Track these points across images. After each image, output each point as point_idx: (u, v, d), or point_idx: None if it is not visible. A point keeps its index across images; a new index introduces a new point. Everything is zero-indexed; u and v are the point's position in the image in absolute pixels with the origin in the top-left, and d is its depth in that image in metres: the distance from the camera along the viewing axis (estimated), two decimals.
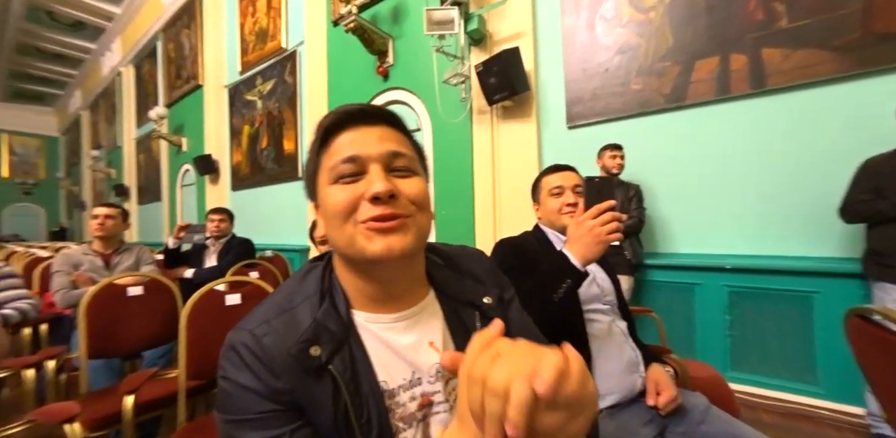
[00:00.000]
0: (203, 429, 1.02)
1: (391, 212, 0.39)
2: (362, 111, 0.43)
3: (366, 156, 0.41)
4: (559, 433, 0.25)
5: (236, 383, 0.38)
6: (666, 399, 0.77)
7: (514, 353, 0.26)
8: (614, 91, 2.28)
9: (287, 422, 0.37)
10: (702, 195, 2.03)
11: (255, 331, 0.39)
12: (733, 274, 1.84)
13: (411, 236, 0.41)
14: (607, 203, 0.72)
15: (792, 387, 1.71)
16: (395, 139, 0.43)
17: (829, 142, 1.72)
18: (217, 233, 2.37)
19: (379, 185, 0.39)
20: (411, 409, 0.43)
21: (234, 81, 4.98)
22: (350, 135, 0.42)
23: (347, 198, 0.40)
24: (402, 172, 0.43)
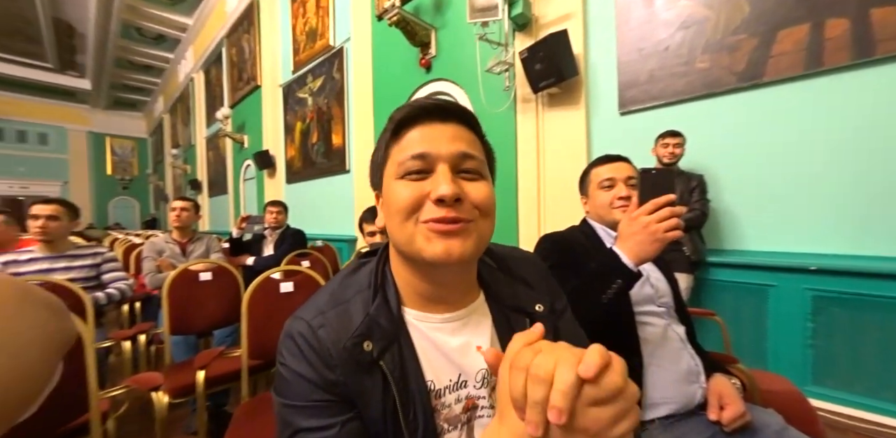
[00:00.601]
0: (263, 404, 1.12)
1: (455, 215, 0.39)
2: (438, 107, 0.42)
3: (435, 155, 0.40)
4: (605, 432, 0.24)
5: (293, 370, 0.39)
6: (731, 415, 0.69)
7: (557, 348, 0.27)
8: (675, 71, 2.06)
9: (338, 413, 0.38)
10: (779, 186, 1.78)
11: (311, 322, 0.41)
12: (819, 276, 1.60)
13: (471, 242, 0.40)
14: (665, 197, 0.65)
15: (891, 410, 1.47)
16: (468, 140, 0.42)
17: None
18: (274, 224, 2.56)
19: (445, 188, 0.38)
20: (456, 411, 0.43)
21: (287, 80, 5.27)
22: (422, 131, 0.41)
23: (412, 196, 0.39)
24: (470, 175, 0.41)
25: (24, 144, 11.47)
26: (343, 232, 4.25)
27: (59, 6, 7.30)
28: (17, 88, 10.61)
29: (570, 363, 0.24)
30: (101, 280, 1.72)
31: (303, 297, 1.39)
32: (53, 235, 1.59)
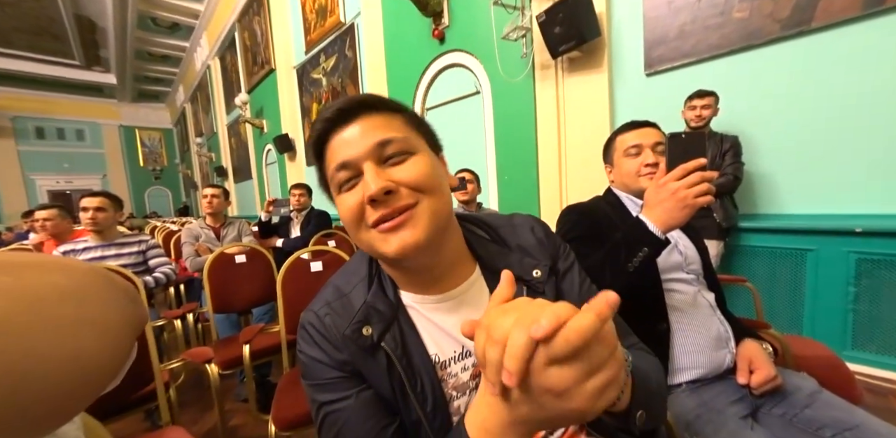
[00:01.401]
0: None
1: (391, 209, 0.39)
2: (338, 110, 0.41)
3: (355, 158, 0.40)
4: (573, 390, 0.23)
5: (308, 355, 0.44)
6: (761, 379, 0.69)
7: (525, 307, 0.26)
8: (709, 24, 1.88)
9: (352, 386, 0.42)
10: (822, 143, 1.64)
11: (318, 312, 0.45)
12: (864, 238, 1.51)
13: (422, 226, 0.39)
14: (695, 162, 0.62)
15: None
16: (380, 125, 0.41)
17: None
18: (298, 207, 2.63)
19: (371, 186, 0.38)
20: (464, 379, 0.45)
21: (301, 62, 5.22)
22: (337, 141, 0.41)
23: (353, 206, 0.40)
24: (396, 158, 0.41)
25: (63, 141, 12.13)
26: None
27: (78, 2, 7.42)
28: (51, 87, 11.09)
29: (525, 324, 0.23)
30: (148, 265, 1.85)
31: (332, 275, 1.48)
32: (103, 225, 1.72)
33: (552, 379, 0.23)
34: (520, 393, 0.25)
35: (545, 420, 0.27)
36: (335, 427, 0.41)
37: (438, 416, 0.42)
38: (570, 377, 0.23)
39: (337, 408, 0.41)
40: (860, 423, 0.63)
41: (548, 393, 0.24)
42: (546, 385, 0.24)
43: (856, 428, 0.62)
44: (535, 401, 0.25)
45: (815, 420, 0.66)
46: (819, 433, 0.64)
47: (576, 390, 0.24)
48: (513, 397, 0.26)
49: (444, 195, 0.42)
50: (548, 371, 0.23)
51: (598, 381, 0.24)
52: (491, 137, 2.88)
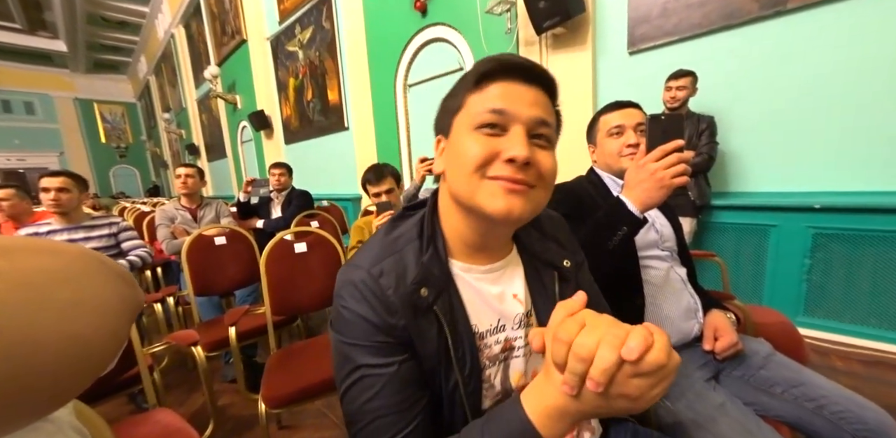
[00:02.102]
0: (290, 354, 1.23)
1: (522, 177, 0.40)
2: (525, 67, 0.42)
3: (514, 114, 0.41)
4: (643, 396, 0.28)
5: (356, 312, 0.42)
6: (724, 345, 0.75)
7: (601, 324, 0.29)
8: (692, 2, 1.86)
9: (397, 353, 0.42)
10: (789, 124, 1.71)
11: (371, 271, 0.43)
12: (821, 213, 1.62)
13: (530, 205, 0.41)
14: (673, 143, 0.63)
15: (877, 335, 1.59)
16: (546, 106, 0.43)
17: None
18: (279, 186, 2.56)
19: (520, 149, 0.39)
20: (496, 351, 0.48)
21: (275, 33, 4.89)
22: (504, 88, 0.41)
23: (484, 152, 0.40)
24: (541, 141, 0.43)
25: (11, 115, 11.15)
26: (347, 191, 4.26)
27: None
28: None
29: (614, 345, 0.27)
30: (121, 248, 1.79)
31: (317, 257, 1.47)
32: (67, 207, 1.62)
33: (631, 388, 0.28)
34: (595, 396, 0.29)
35: (602, 414, 0.32)
36: (372, 389, 0.41)
37: (472, 381, 0.44)
38: (646, 386, 0.28)
39: (378, 373, 0.41)
40: (806, 381, 0.70)
41: (623, 398, 0.29)
42: (625, 392, 0.28)
43: (802, 386, 0.70)
44: (608, 402, 0.29)
45: (769, 379, 0.73)
46: (771, 390, 0.72)
47: (646, 395, 0.28)
48: (587, 397, 0.30)
49: (550, 194, 0.45)
50: (630, 381, 0.28)
51: (660, 389, 0.29)
52: None
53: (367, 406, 0.40)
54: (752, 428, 0.61)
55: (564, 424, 0.32)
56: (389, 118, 3.55)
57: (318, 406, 1.47)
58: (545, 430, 0.32)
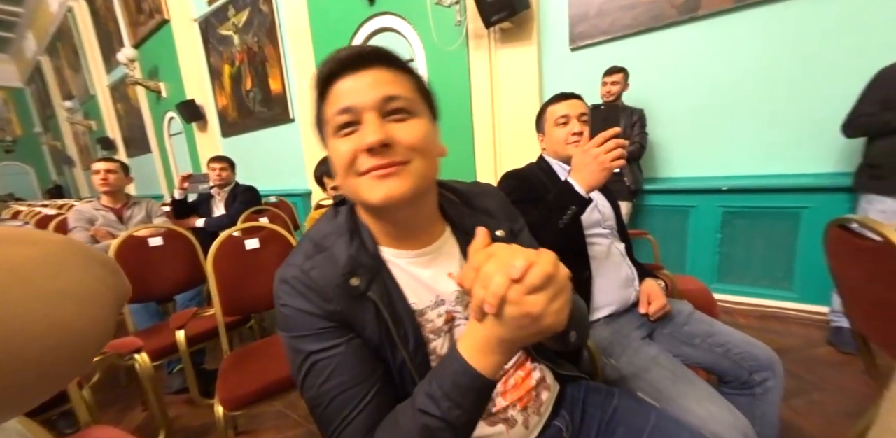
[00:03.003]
0: (245, 356, 1.18)
1: (387, 160, 0.41)
2: (352, 55, 0.41)
3: (360, 106, 0.41)
4: (545, 312, 0.32)
5: (295, 308, 0.44)
6: (656, 307, 0.87)
7: (502, 253, 0.33)
8: (622, 4, 2.04)
9: (342, 335, 0.44)
10: (703, 116, 1.97)
11: (302, 267, 0.45)
12: (729, 194, 1.89)
13: (409, 182, 0.42)
14: (612, 130, 0.72)
15: (768, 294, 1.91)
16: (390, 80, 0.42)
17: (846, 51, 1.61)
18: (220, 182, 2.37)
19: (371, 136, 0.40)
20: (439, 324, 0.50)
21: (203, 14, 4.44)
22: (345, 83, 0.42)
23: (348, 151, 0.42)
24: (400, 115, 0.42)
25: None
26: (296, 186, 4.06)
27: None
28: None
29: (504, 268, 0.31)
30: None
31: (271, 252, 1.41)
32: None
33: (529, 305, 0.31)
34: (500, 319, 0.33)
35: (523, 337, 0.35)
36: (325, 371, 0.43)
37: (419, 355, 0.47)
38: (542, 300, 0.31)
39: (327, 356, 0.43)
40: (716, 332, 0.85)
41: (527, 316, 0.32)
42: (525, 310, 0.31)
43: (713, 336, 0.84)
44: (516, 324, 0.33)
45: (690, 333, 0.87)
46: (692, 341, 0.85)
47: (546, 310, 0.32)
48: (494, 322, 0.34)
49: (433, 160, 0.45)
50: (526, 298, 0.31)
51: (559, 302, 0.32)
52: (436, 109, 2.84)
53: (324, 388, 0.42)
54: (678, 373, 0.72)
55: (494, 355, 0.36)
56: None
57: (279, 408, 1.43)
58: (477, 363, 0.36)
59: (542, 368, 0.59)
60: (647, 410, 0.57)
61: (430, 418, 0.37)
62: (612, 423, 0.57)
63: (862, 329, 0.78)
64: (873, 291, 0.67)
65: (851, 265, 0.72)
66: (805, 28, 1.68)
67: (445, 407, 0.37)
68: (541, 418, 0.56)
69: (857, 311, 0.76)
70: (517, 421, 0.52)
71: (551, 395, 0.59)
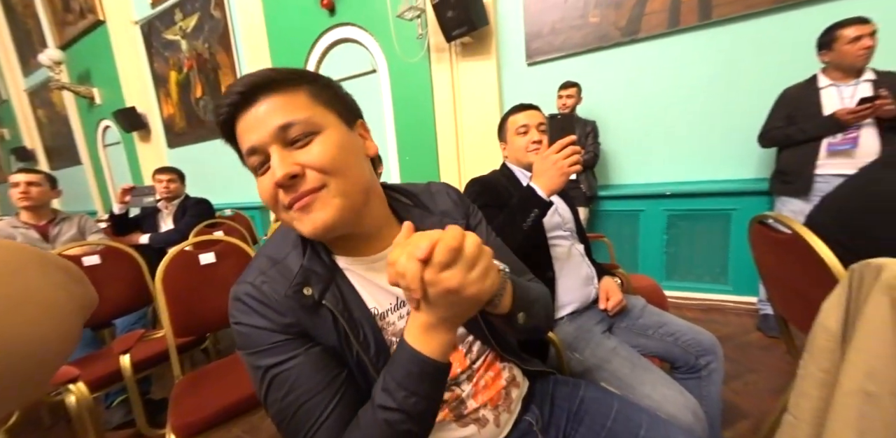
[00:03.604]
0: (200, 379, 1.09)
1: (300, 192, 0.40)
2: (239, 94, 0.40)
3: (260, 142, 0.40)
4: (464, 283, 0.32)
5: (248, 325, 0.43)
6: (614, 303, 0.94)
7: (412, 240, 0.33)
8: (573, 24, 2.21)
9: (298, 346, 0.44)
10: (648, 128, 2.17)
11: (254, 282, 0.44)
12: (672, 199, 2.08)
13: (331, 208, 0.41)
14: (568, 138, 0.78)
15: (709, 288, 2.10)
16: (281, 105, 0.40)
17: (760, 72, 1.86)
18: (168, 195, 2.21)
19: (279, 169, 0.39)
20: (400, 326, 0.50)
21: (146, 16, 4.17)
22: (242, 124, 0.41)
23: (268, 188, 0.41)
24: (301, 140, 0.41)
25: None
26: (254, 199, 3.86)
27: None
28: None
29: (412, 253, 0.31)
30: None
31: (229, 266, 1.33)
32: None
33: (446, 281, 0.32)
34: (429, 302, 0.34)
35: (460, 313, 0.36)
36: (286, 384, 0.42)
37: (381, 359, 0.46)
38: (458, 274, 0.32)
39: (285, 368, 0.42)
40: (666, 322, 0.93)
41: (449, 293, 0.32)
42: (445, 287, 0.32)
43: (664, 326, 0.92)
44: (444, 302, 0.33)
45: (645, 325, 0.94)
46: (647, 332, 0.92)
47: (465, 282, 0.32)
48: (427, 306, 0.34)
49: (354, 173, 0.43)
50: (441, 276, 0.32)
51: (478, 270, 0.33)
52: (390, 118, 2.86)
53: (286, 401, 0.42)
54: (636, 362, 0.78)
55: (438, 335, 0.36)
56: None
57: (238, 433, 1.33)
58: (425, 348, 0.37)
59: (511, 367, 0.60)
60: (610, 398, 0.61)
61: (388, 412, 0.37)
62: (580, 413, 0.60)
63: (782, 312, 0.89)
64: (787, 277, 0.77)
65: (769, 255, 0.82)
66: (727, 52, 1.92)
67: (401, 398, 0.37)
68: (511, 415, 0.57)
69: (776, 296, 0.88)
70: (488, 420, 0.53)
71: (521, 392, 0.60)
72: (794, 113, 1.56)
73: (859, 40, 1.38)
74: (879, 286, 0.40)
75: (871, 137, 1.40)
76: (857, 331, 0.41)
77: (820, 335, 0.48)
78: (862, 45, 1.38)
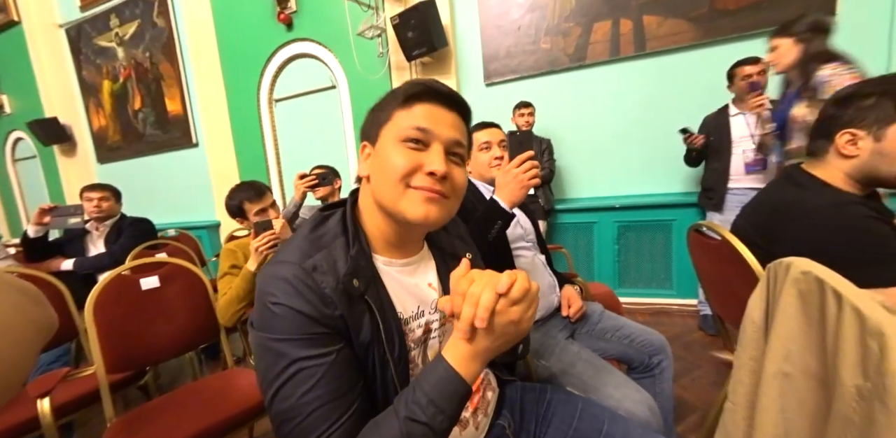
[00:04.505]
0: (138, 421, 0.98)
1: (439, 188, 0.47)
2: (448, 95, 0.50)
3: (436, 133, 0.48)
4: (523, 318, 0.38)
5: (289, 307, 0.42)
6: (575, 309, 0.99)
7: (483, 276, 0.39)
8: (526, 49, 2.38)
9: (334, 343, 0.44)
10: (597, 146, 2.36)
11: (303, 265, 0.44)
12: (621, 211, 2.25)
13: (444, 212, 0.49)
14: (527, 153, 0.83)
15: (657, 293, 2.27)
16: (462, 130, 0.51)
17: (688, 99, 2.12)
18: (99, 214, 1.99)
19: (439, 165, 0.46)
20: (418, 334, 0.54)
21: (73, 19, 3.85)
22: (430, 109, 0.49)
23: (409, 164, 0.47)
24: (456, 158, 0.50)
25: None
26: (202, 218, 3.60)
27: None
28: None
29: (490, 287, 0.37)
30: None
31: (176, 290, 1.23)
32: None
33: (513, 314, 0.38)
34: (488, 330, 0.38)
35: (502, 345, 0.40)
36: (310, 380, 0.41)
37: (402, 363, 0.49)
38: (522, 309, 0.38)
39: (316, 363, 0.42)
40: (622, 325, 1.00)
41: (510, 324, 0.38)
42: (510, 318, 0.38)
43: (620, 329, 0.99)
44: (501, 332, 0.38)
45: (603, 329, 1.00)
46: (605, 336, 0.98)
47: (524, 317, 0.38)
48: (482, 335, 0.39)
49: (459, 204, 0.53)
50: (510, 310, 0.37)
51: (532, 310, 0.39)
52: (351, 134, 2.85)
53: (305, 398, 0.41)
54: (598, 365, 0.83)
55: (476, 363, 0.41)
56: (253, 133, 3.22)
57: None
58: (463, 371, 0.40)
59: (487, 372, 0.65)
60: (575, 400, 0.65)
61: (415, 425, 0.39)
62: (548, 416, 0.64)
63: (718, 310, 0.99)
64: (720, 278, 0.87)
65: (705, 259, 0.92)
66: (660, 79, 2.17)
67: (431, 414, 0.39)
68: (487, 419, 0.60)
69: (713, 296, 0.98)
70: (469, 423, 0.56)
71: (494, 396, 0.64)
72: (712, 137, 1.81)
73: (751, 77, 1.64)
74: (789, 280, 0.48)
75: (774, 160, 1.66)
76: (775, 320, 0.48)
77: (748, 327, 0.55)
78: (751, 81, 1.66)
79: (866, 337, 0.35)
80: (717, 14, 1.98)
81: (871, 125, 0.68)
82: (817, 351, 0.42)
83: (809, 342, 0.43)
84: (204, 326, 1.25)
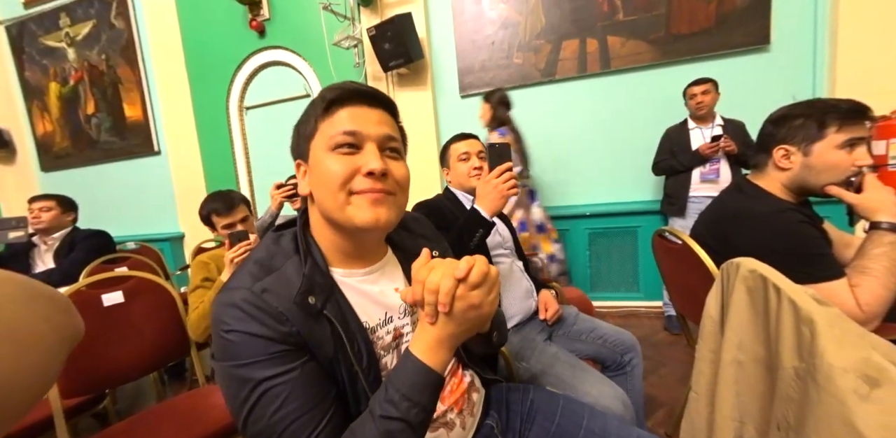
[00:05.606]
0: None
1: (381, 187, 0.47)
2: (368, 93, 0.49)
3: (364, 134, 0.47)
4: (484, 302, 0.40)
5: (244, 332, 0.41)
6: (552, 312, 1.04)
7: (442, 264, 0.40)
8: (500, 63, 2.49)
9: (296, 358, 0.43)
10: (569, 157, 2.49)
11: (252, 289, 0.44)
12: (592, 219, 2.37)
13: (393, 211, 0.48)
14: (506, 164, 0.88)
15: (626, 296, 2.39)
16: (390, 124, 0.50)
17: (650, 114, 2.29)
18: (43, 226, 1.84)
19: (375, 163, 0.46)
20: (388, 340, 0.53)
21: (15, 16, 3.59)
22: (352, 111, 0.48)
23: (345, 170, 0.46)
24: (392, 154, 0.50)
25: None
26: (164, 230, 3.41)
27: None
28: None
29: (449, 273, 0.38)
30: None
31: (142, 306, 1.17)
32: None
33: (473, 298, 0.39)
34: (450, 315, 0.39)
35: (466, 330, 0.41)
36: (279, 398, 0.40)
37: (372, 371, 0.49)
38: (482, 293, 0.39)
39: (281, 381, 0.41)
40: (595, 327, 1.06)
41: (472, 308, 0.39)
42: (471, 303, 0.39)
43: (594, 330, 1.05)
44: (464, 317, 0.39)
45: (578, 331, 1.06)
46: (581, 337, 1.04)
47: (485, 301, 0.39)
48: (445, 320, 0.40)
49: (408, 197, 0.53)
50: (470, 293, 0.39)
51: (494, 294, 0.41)
52: None
53: (276, 416, 0.40)
54: (575, 365, 0.87)
55: (443, 351, 0.41)
56: (221, 142, 3.11)
57: None
58: (430, 360, 0.41)
59: (471, 373, 0.66)
60: (556, 398, 0.68)
61: (391, 422, 0.39)
62: (532, 413, 0.67)
63: (681, 309, 1.07)
64: (681, 278, 0.95)
65: (667, 261, 1.01)
66: (624, 95, 2.33)
67: (405, 408, 0.39)
68: (474, 419, 0.61)
69: (676, 296, 1.06)
70: (455, 424, 0.57)
71: (480, 397, 0.66)
72: (675, 148, 1.96)
73: (696, 96, 1.85)
74: (739, 278, 0.54)
75: (727, 169, 1.86)
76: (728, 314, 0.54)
77: (707, 322, 0.61)
78: (696, 101, 1.86)
79: (800, 324, 0.41)
80: (673, 38, 2.17)
81: (800, 142, 0.78)
82: (764, 340, 0.48)
83: (757, 331, 0.50)
84: (173, 342, 1.19)
